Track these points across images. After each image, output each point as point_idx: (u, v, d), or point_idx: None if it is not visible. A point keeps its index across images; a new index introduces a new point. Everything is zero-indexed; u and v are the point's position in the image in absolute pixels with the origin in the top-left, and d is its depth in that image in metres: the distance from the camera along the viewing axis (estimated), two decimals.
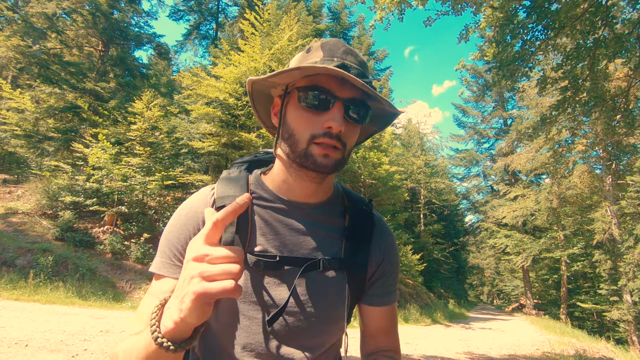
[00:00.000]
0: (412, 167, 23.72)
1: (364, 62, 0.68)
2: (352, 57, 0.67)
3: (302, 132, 0.65)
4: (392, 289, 0.81)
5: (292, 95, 0.68)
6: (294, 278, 0.68)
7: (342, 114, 0.64)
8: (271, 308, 0.67)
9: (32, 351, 3.71)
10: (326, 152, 0.64)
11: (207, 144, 10.50)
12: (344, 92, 0.64)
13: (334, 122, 0.62)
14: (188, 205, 0.72)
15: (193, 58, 26.66)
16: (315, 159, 0.64)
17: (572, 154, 16.42)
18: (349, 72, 0.62)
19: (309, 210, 0.73)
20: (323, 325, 0.70)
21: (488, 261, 30.90)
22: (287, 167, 0.71)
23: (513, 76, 4.86)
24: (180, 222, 0.70)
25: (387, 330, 0.82)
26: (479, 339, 9.62)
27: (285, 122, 0.69)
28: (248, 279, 0.67)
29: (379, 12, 4.67)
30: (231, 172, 0.78)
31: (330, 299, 0.71)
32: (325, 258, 0.70)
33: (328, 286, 0.71)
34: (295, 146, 0.66)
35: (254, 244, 0.69)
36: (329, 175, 0.72)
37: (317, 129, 0.64)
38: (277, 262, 0.68)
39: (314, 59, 0.66)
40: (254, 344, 0.67)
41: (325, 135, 0.63)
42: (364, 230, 0.77)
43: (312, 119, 0.64)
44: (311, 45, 0.69)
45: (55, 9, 12.20)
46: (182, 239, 0.68)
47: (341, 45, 0.67)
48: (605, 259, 15.72)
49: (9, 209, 9.41)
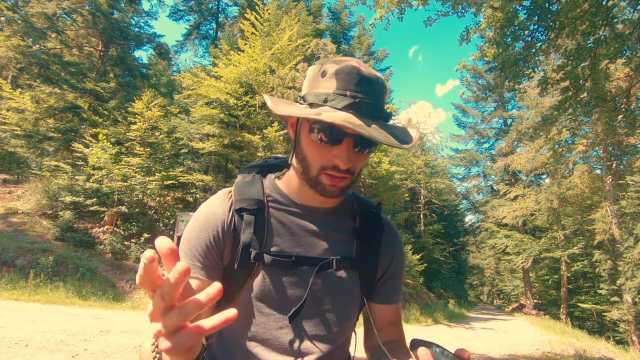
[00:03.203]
0: (412, 167, 23.72)
1: (380, 88, 0.66)
2: (369, 86, 0.64)
3: (313, 161, 0.68)
4: (399, 287, 0.87)
5: (304, 124, 0.70)
6: (309, 277, 0.72)
7: (351, 150, 0.66)
8: (288, 305, 0.70)
9: (32, 351, 3.70)
10: (334, 183, 0.68)
11: (209, 144, 10.50)
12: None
13: (341, 161, 0.65)
14: (207, 207, 0.75)
15: (193, 58, 26.68)
16: (324, 187, 0.69)
17: (572, 154, 16.42)
18: (361, 110, 0.63)
19: (322, 213, 0.77)
20: (337, 322, 0.75)
21: (488, 261, 30.89)
22: (300, 179, 0.75)
23: (515, 78, 4.86)
24: (199, 224, 0.73)
25: (395, 324, 0.86)
26: (479, 338, 9.61)
27: (299, 145, 0.72)
28: (265, 278, 0.71)
29: (379, 10, 4.66)
30: (246, 176, 0.81)
31: (343, 297, 0.75)
32: (338, 258, 0.74)
33: (341, 285, 0.75)
34: (307, 171, 0.70)
35: (270, 245, 0.73)
36: None
37: (326, 162, 0.67)
38: (293, 262, 0.72)
39: (326, 89, 0.65)
40: (271, 340, 0.71)
41: (334, 169, 0.67)
42: (374, 232, 0.80)
43: (323, 151, 0.67)
44: (326, 67, 0.67)
45: (55, 9, 12.19)
46: (201, 241, 0.71)
47: (356, 73, 0.64)
48: (605, 259, 15.71)
49: (9, 209, 9.41)
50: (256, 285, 0.71)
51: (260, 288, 0.70)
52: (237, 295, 0.72)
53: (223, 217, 0.73)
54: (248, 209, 0.73)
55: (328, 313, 0.74)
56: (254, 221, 0.72)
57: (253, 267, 0.71)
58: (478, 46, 11.20)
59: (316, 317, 0.73)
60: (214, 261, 0.72)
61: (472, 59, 7.06)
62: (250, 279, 0.71)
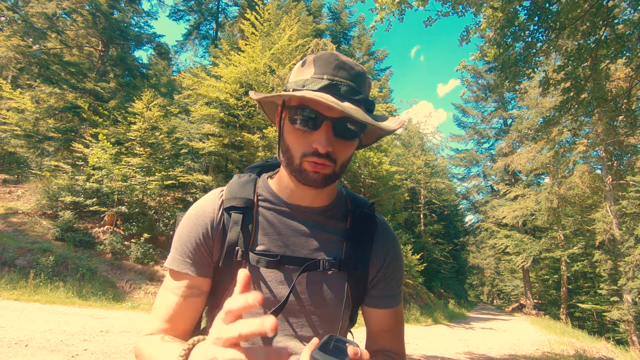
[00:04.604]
0: (412, 167, 23.71)
1: (359, 74, 0.67)
2: (345, 71, 0.66)
3: (295, 149, 0.68)
4: (395, 292, 0.82)
5: (285, 115, 0.70)
6: (294, 276, 0.71)
7: (331, 134, 0.65)
8: (272, 304, 0.70)
9: (32, 351, 3.70)
10: (316, 169, 0.66)
11: (209, 144, 10.50)
12: (332, 112, 0.64)
13: (319, 145, 0.64)
14: (198, 205, 0.77)
15: (193, 58, 26.65)
16: (307, 174, 0.67)
17: (572, 153, 16.43)
18: (338, 91, 0.63)
19: (311, 213, 0.76)
20: (322, 323, 0.73)
21: (488, 261, 30.90)
22: (287, 174, 0.74)
23: (515, 78, 4.86)
24: (190, 222, 0.74)
25: (390, 332, 0.82)
26: (479, 339, 9.62)
27: (283, 136, 0.71)
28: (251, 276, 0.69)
29: (379, 12, 4.66)
30: (242, 175, 0.81)
31: (328, 298, 0.73)
32: (325, 259, 0.73)
33: (327, 286, 0.73)
34: (291, 161, 0.69)
35: (257, 243, 0.72)
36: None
37: (307, 148, 0.66)
38: (278, 261, 0.71)
39: (305, 76, 0.67)
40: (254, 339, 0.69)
41: (314, 154, 0.65)
42: (366, 232, 0.78)
43: (303, 137, 0.67)
44: (307, 58, 0.70)
45: (55, 9, 12.19)
46: (192, 238, 0.72)
47: (334, 59, 0.66)
48: (606, 259, 15.71)
49: (9, 209, 9.41)
50: None
51: None
52: (224, 293, 0.72)
53: (212, 215, 0.73)
54: (237, 207, 0.73)
55: (313, 314, 0.73)
56: (242, 220, 0.72)
57: (239, 265, 0.71)
58: (478, 46, 11.20)
59: (302, 317, 0.72)
60: (204, 258, 0.72)
61: (472, 59, 7.07)
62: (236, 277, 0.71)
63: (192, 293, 0.71)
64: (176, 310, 0.70)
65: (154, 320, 0.71)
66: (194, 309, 0.72)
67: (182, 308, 0.70)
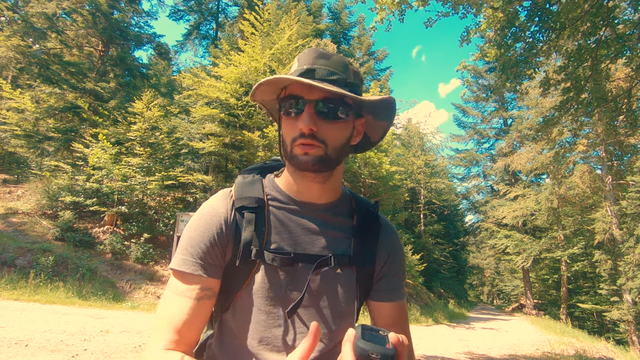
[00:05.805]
0: (412, 167, 23.69)
1: (340, 61, 0.72)
2: (324, 59, 0.71)
3: (287, 137, 0.72)
4: (398, 285, 0.85)
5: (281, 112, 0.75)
6: (307, 274, 0.72)
7: (313, 114, 0.68)
8: (287, 302, 0.71)
9: (32, 351, 3.70)
10: (305, 150, 0.69)
11: (209, 144, 10.50)
12: (312, 94, 0.68)
13: (302, 123, 0.68)
14: (209, 205, 0.77)
15: (193, 58, 26.66)
16: (298, 158, 0.70)
17: (572, 154, 16.42)
18: (314, 74, 0.68)
19: (319, 210, 0.78)
20: (335, 319, 0.75)
21: (488, 261, 30.91)
22: (290, 170, 0.77)
23: (516, 78, 4.86)
24: (202, 222, 0.74)
25: (396, 325, 0.83)
26: (479, 339, 9.62)
27: (280, 131, 0.76)
28: (264, 275, 0.71)
29: (379, 12, 4.66)
30: (246, 176, 0.83)
31: (341, 294, 0.75)
32: (335, 255, 0.75)
33: (339, 282, 0.75)
34: (286, 150, 0.73)
35: (270, 242, 0.73)
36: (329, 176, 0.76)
37: (295, 132, 0.70)
38: (292, 259, 0.72)
39: (291, 72, 0.73)
40: (270, 337, 0.71)
41: (301, 136, 0.68)
42: (372, 229, 0.81)
43: (292, 124, 0.71)
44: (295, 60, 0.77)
45: (55, 9, 12.19)
46: (205, 238, 0.72)
47: (314, 51, 0.72)
48: (606, 259, 15.71)
49: (9, 209, 9.41)
50: (257, 283, 0.72)
51: (260, 285, 0.71)
52: (238, 293, 0.72)
53: (226, 215, 0.74)
54: (249, 207, 0.74)
55: (326, 310, 0.74)
56: (255, 219, 0.73)
57: (254, 264, 0.72)
58: (478, 46, 11.20)
59: (314, 314, 0.73)
60: (216, 259, 0.72)
61: (472, 60, 7.07)
62: (251, 276, 0.72)
63: (205, 295, 0.70)
64: (187, 317, 0.67)
65: (162, 330, 0.67)
66: (204, 313, 0.70)
67: (193, 313, 0.68)
